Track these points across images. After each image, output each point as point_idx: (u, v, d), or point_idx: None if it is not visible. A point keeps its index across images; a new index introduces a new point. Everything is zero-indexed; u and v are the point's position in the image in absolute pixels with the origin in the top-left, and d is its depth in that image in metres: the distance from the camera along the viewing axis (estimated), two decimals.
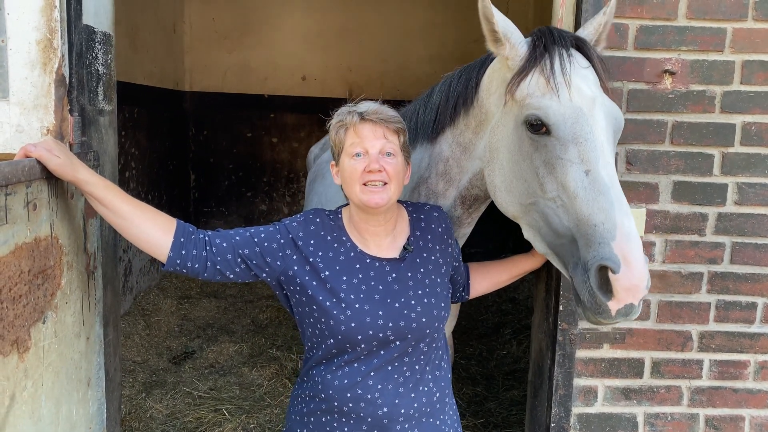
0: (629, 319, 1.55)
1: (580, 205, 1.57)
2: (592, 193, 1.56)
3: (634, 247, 1.49)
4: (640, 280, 1.48)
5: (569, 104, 1.63)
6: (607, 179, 1.57)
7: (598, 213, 1.54)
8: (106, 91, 2.16)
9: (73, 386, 1.87)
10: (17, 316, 1.55)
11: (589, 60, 1.74)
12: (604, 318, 1.55)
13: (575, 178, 1.59)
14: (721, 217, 2.22)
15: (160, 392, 4.13)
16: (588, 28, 1.85)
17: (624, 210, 1.54)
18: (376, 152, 1.76)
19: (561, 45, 1.70)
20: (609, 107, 1.68)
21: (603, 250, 1.50)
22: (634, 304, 1.51)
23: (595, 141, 1.61)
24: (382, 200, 1.74)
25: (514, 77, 1.73)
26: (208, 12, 7.16)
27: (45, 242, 1.68)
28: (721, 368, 2.29)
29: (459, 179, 2.05)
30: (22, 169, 1.55)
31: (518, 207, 1.79)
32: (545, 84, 1.67)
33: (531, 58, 1.71)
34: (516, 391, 4.21)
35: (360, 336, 1.74)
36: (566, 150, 1.61)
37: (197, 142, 7.35)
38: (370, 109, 1.78)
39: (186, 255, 1.75)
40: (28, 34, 1.85)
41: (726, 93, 2.16)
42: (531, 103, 1.68)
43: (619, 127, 1.72)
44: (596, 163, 1.58)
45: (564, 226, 1.63)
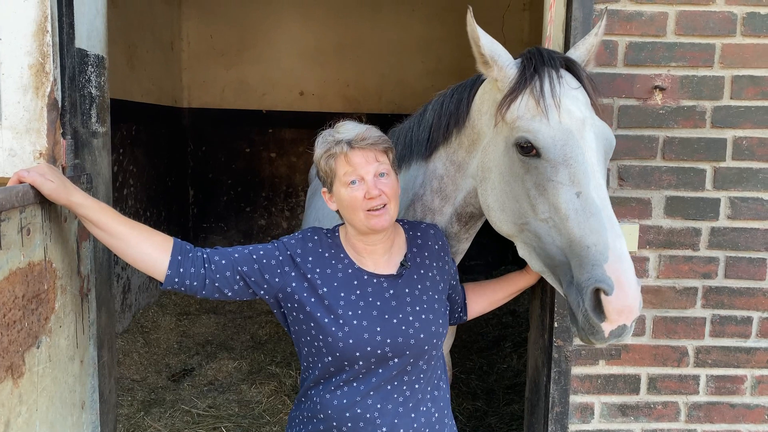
0: (622, 341, 1.56)
1: (572, 227, 1.58)
2: (584, 214, 1.57)
3: (627, 269, 1.50)
4: (633, 301, 1.48)
5: (559, 126, 1.64)
6: (598, 201, 1.57)
7: (590, 235, 1.54)
8: (100, 113, 2.18)
9: (67, 410, 1.86)
10: (11, 342, 1.55)
11: (579, 81, 1.74)
12: (597, 339, 1.55)
13: (566, 200, 1.60)
14: (715, 232, 2.22)
15: (158, 410, 4.11)
16: (580, 49, 1.86)
17: (616, 231, 1.54)
18: (371, 177, 1.76)
19: (551, 66, 1.71)
20: (599, 128, 1.69)
21: (596, 272, 1.50)
22: (626, 325, 1.51)
23: (586, 163, 1.61)
24: (387, 221, 1.77)
25: (504, 99, 1.74)
26: (206, 29, 7.21)
27: (39, 267, 1.69)
28: (717, 383, 2.29)
29: (454, 196, 2.06)
30: (16, 195, 1.56)
31: (512, 226, 1.79)
32: (535, 106, 1.67)
33: (521, 79, 1.71)
34: (517, 406, 4.18)
35: (358, 353, 1.74)
36: (557, 172, 1.62)
37: (196, 158, 7.37)
38: (357, 136, 1.78)
39: (184, 273, 1.75)
40: (20, 59, 1.87)
41: (716, 108, 2.17)
42: (521, 125, 1.68)
43: (610, 147, 1.72)
44: (587, 185, 1.59)
45: (557, 246, 1.63)
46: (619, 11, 2.13)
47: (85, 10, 2.07)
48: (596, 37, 1.85)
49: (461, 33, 1.81)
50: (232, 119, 7.29)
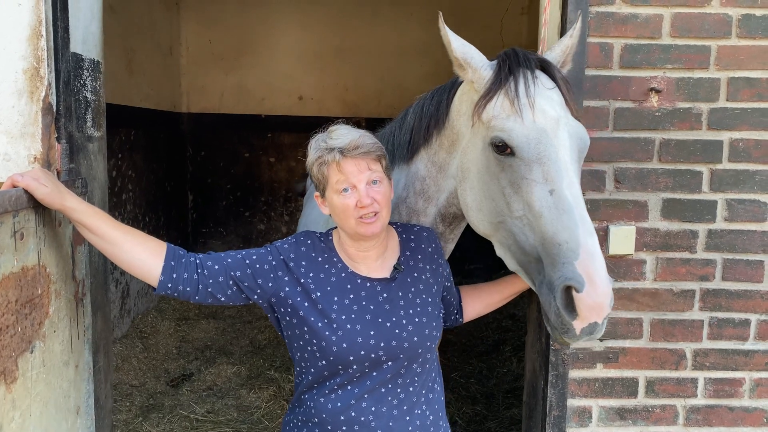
0: (593, 338, 1.57)
1: (544, 225, 1.59)
2: (557, 212, 1.58)
3: (598, 266, 1.51)
4: (603, 298, 1.49)
5: (533, 126, 1.65)
6: (571, 199, 1.58)
7: (563, 232, 1.55)
8: (95, 118, 2.17)
9: (61, 415, 1.85)
10: (4, 347, 1.54)
11: (554, 81, 1.75)
12: (569, 337, 1.57)
13: (540, 198, 1.61)
14: (712, 234, 2.21)
15: (157, 416, 4.10)
16: (555, 50, 1.88)
17: (588, 229, 1.55)
18: (363, 186, 1.75)
19: (526, 67, 1.72)
20: (574, 127, 1.70)
21: (567, 270, 1.52)
22: (598, 322, 1.52)
23: (559, 161, 1.62)
24: (378, 228, 1.77)
25: (480, 99, 1.76)
26: (205, 34, 7.22)
27: (32, 271, 1.68)
28: (716, 386, 2.27)
29: (437, 197, 2.07)
30: (9, 199, 1.55)
31: (488, 225, 1.81)
32: (510, 106, 1.69)
33: (496, 80, 1.74)
34: (516, 410, 4.17)
35: (352, 357, 1.73)
36: (531, 170, 1.64)
37: (195, 162, 7.37)
38: (350, 144, 1.76)
39: (177, 278, 1.75)
40: (14, 63, 1.87)
41: (712, 110, 2.17)
42: (496, 125, 1.70)
43: (584, 147, 1.73)
44: (560, 183, 1.60)
45: (530, 244, 1.65)
46: (614, 13, 2.13)
47: (81, 15, 2.07)
48: (572, 38, 1.87)
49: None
50: (231, 124, 7.30)
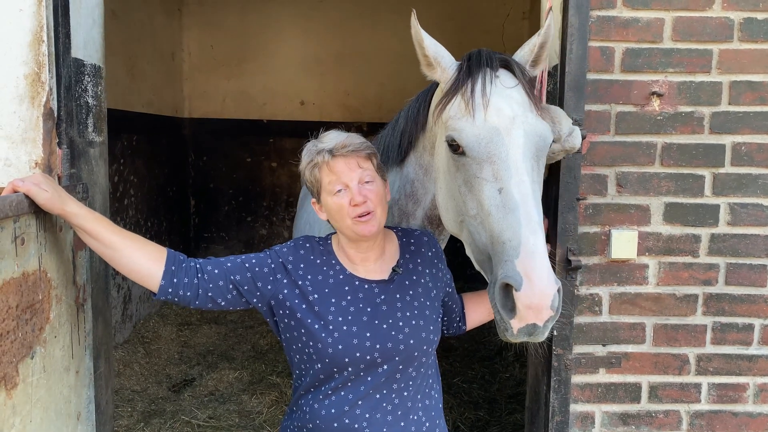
0: (536, 340, 1.53)
1: (492, 223, 1.59)
2: (503, 210, 1.57)
3: (537, 265, 1.48)
4: (541, 298, 1.45)
5: (484, 125, 1.66)
6: (518, 197, 1.58)
7: (507, 230, 1.55)
8: (96, 123, 2.17)
9: (62, 421, 1.85)
10: (5, 353, 1.54)
11: (516, 79, 1.75)
12: (509, 336, 1.54)
13: (489, 196, 1.61)
14: (714, 238, 2.20)
15: (158, 421, 4.09)
16: (524, 49, 1.89)
17: (532, 228, 1.53)
18: (355, 184, 1.77)
19: (488, 66, 1.73)
20: (532, 125, 1.69)
21: (507, 268, 1.50)
22: (537, 324, 1.49)
23: (509, 159, 1.62)
24: (374, 227, 1.77)
25: (440, 100, 1.79)
26: (207, 40, 7.23)
27: (33, 276, 1.68)
28: (719, 391, 2.26)
29: (424, 200, 2.11)
30: (10, 204, 1.55)
31: (453, 225, 1.82)
32: (465, 106, 1.70)
33: (456, 81, 1.75)
34: (519, 415, 4.15)
35: (347, 358, 1.73)
36: (482, 169, 1.64)
37: (197, 168, 7.38)
38: (338, 144, 1.79)
39: (177, 283, 1.75)
40: (15, 69, 1.87)
41: (714, 114, 2.16)
42: (450, 124, 1.73)
43: (544, 145, 1.72)
44: (509, 181, 1.60)
45: (483, 243, 1.64)
46: (615, 17, 2.13)
47: (82, 20, 2.07)
48: (539, 37, 1.87)
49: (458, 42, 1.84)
50: (232, 129, 7.30)
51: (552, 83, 2.19)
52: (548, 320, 1.50)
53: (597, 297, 2.21)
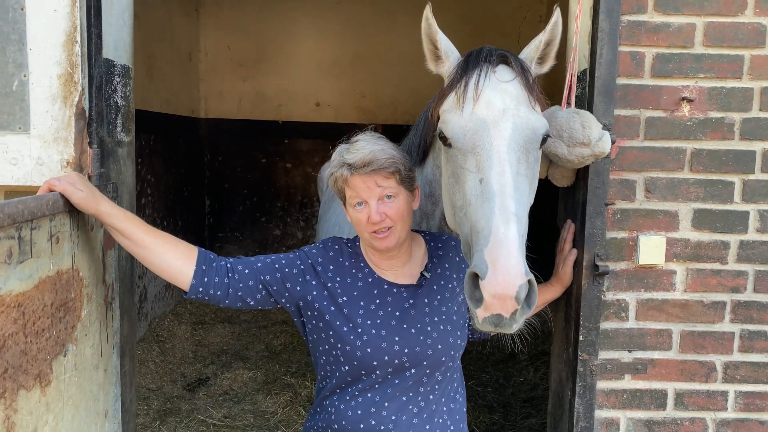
0: (504, 331, 1.49)
1: (472, 213, 1.59)
2: (481, 200, 1.57)
3: (503, 253, 1.44)
4: (504, 287, 1.41)
5: (470, 117, 1.67)
6: (496, 187, 1.56)
7: (481, 219, 1.54)
8: (125, 123, 2.19)
9: (91, 419, 1.86)
10: (40, 350, 1.55)
11: (514, 74, 1.75)
12: (476, 324, 1.51)
13: (471, 186, 1.62)
14: (743, 245, 2.19)
15: (174, 420, 4.11)
16: (530, 47, 1.90)
17: (504, 217, 1.50)
18: (374, 202, 1.75)
19: (486, 61, 1.75)
20: (524, 118, 1.68)
21: (476, 257, 1.49)
22: (503, 315, 1.45)
23: (492, 150, 1.62)
24: (392, 243, 1.77)
25: (439, 94, 1.81)
26: (224, 40, 7.27)
27: (67, 275, 1.69)
28: (746, 400, 2.24)
29: (440, 200, 2.09)
30: (47, 204, 1.56)
31: (451, 219, 1.82)
32: (456, 100, 1.72)
33: (455, 76, 1.77)
34: (534, 419, 4.14)
35: (375, 362, 1.74)
36: (466, 160, 1.66)
37: (212, 168, 7.41)
38: (359, 162, 1.75)
39: (208, 282, 1.76)
40: (49, 69, 1.89)
41: (745, 120, 2.15)
42: (442, 117, 1.75)
43: (535, 138, 1.70)
44: (489, 172, 1.59)
45: (465, 234, 1.64)
46: (645, 22, 2.12)
47: (113, 21, 2.09)
48: (545, 34, 1.87)
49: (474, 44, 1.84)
50: (248, 130, 7.33)
51: (581, 87, 2.18)
52: (515, 312, 1.45)
53: (624, 303, 2.20)
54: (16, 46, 1.89)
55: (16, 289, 1.43)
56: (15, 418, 1.43)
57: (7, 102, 1.89)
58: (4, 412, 1.39)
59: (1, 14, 1.88)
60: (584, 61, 2.17)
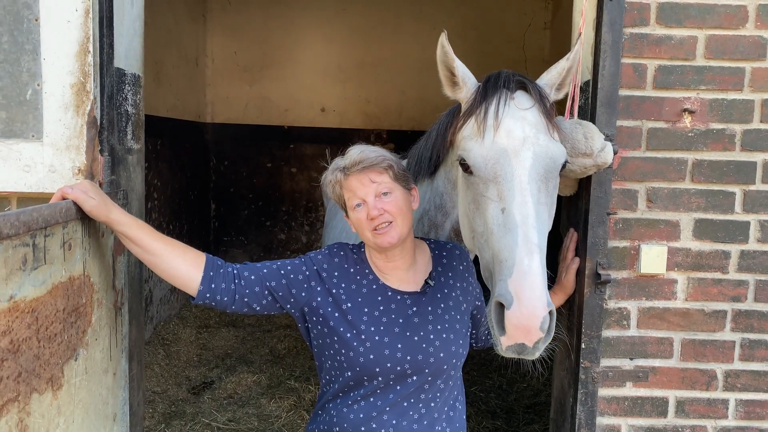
0: (526, 358, 1.56)
1: (494, 241, 1.63)
2: (504, 230, 1.61)
3: (527, 286, 1.49)
4: (529, 319, 1.47)
5: (492, 146, 1.70)
6: (518, 218, 1.60)
7: (504, 250, 1.58)
8: (135, 131, 2.23)
9: (100, 422, 1.89)
10: (52, 354, 1.58)
11: (533, 101, 1.78)
12: (498, 350, 1.58)
13: (493, 215, 1.66)
14: (744, 255, 2.21)
15: (179, 423, 4.13)
16: (551, 72, 1.92)
17: (528, 248, 1.55)
18: (372, 198, 1.80)
19: (504, 87, 1.77)
20: (543, 147, 1.71)
21: (501, 286, 1.54)
22: (526, 345, 1.51)
23: (513, 180, 1.65)
24: (393, 238, 1.79)
25: (458, 120, 1.84)
26: (230, 46, 7.32)
27: (78, 281, 1.73)
28: (747, 408, 2.26)
29: (452, 213, 2.16)
30: (60, 211, 1.60)
31: (468, 241, 1.87)
32: (477, 128, 1.75)
33: (473, 103, 1.80)
34: (536, 425, 4.15)
35: (378, 368, 1.76)
36: (487, 188, 1.69)
37: (218, 172, 7.45)
38: (350, 162, 1.83)
39: (215, 288, 1.79)
40: (62, 78, 1.93)
41: (746, 131, 2.18)
42: (461, 145, 1.78)
43: (554, 166, 1.74)
44: (511, 202, 1.63)
45: (487, 260, 1.69)
46: (648, 35, 2.15)
47: (124, 31, 2.13)
48: (568, 61, 1.89)
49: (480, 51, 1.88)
50: (254, 135, 7.38)
51: (584, 98, 2.21)
52: (538, 341, 1.51)
53: (625, 311, 2.23)
54: (30, 55, 1.93)
55: (30, 295, 1.47)
56: (28, 421, 1.46)
57: (21, 110, 1.93)
58: (18, 415, 1.42)
59: (16, 25, 1.92)
60: (587, 72, 2.20)
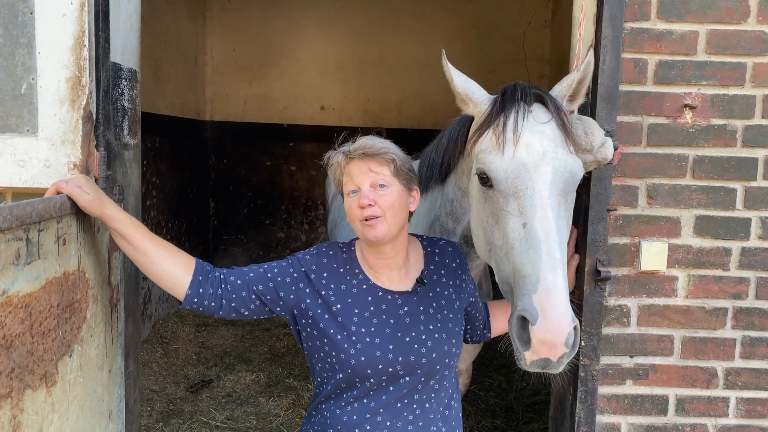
0: (550, 372, 1.55)
1: (515, 256, 1.61)
2: (526, 245, 1.60)
3: (553, 302, 1.49)
4: (555, 335, 1.47)
5: (512, 160, 1.68)
6: (540, 233, 1.59)
7: (528, 265, 1.57)
8: (131, 126, 2.21)
9: (95, 419, 1.88)
10: (46, 350, 1.57)
11: (550, 114, 1.77)
12: (522, 365, 1.57)
13: (513, 230, 1.64)
14: (745, 252, 2.19)
15: (177, 422, 4.12)
16: (562, 84, 1.90)
17: (552, 264, 1.55)
18: (366, 187, 1.77)
19: (522, 100, 1.76)
20: (561, 162, 1.70)
21: (525, 301, 1.52)
22: (551, 359, 1.51)
23: (535, 195, 1.64)
24: (380, 233, 1.75)
25: (473, 133, 1.82)
26: (229, 44, 7.30)
27: (73, 276, 1.71)
28: (748, 406, 2.25)
29: (463, 219, 2.14)
30: (54, 206, 1.58)
31: (484, 252, 1.85)
32: (495, 141, 1.73)
33: (490, 115, 1.78)
34: (536, 424, 4.14)
35: (369, 370, 1.74)
36: (508, 202, 1.67)
37: (217, 170, 7.44)
38: (355, 147, 1.81)
39: (203, 293, 1.78)
40: (57, 72, 1.91)
41: (747, 127, 2.16)
42: (480, 158, 1.75)
43: (573, 182, 1.73)
44: (533, 217, 1.62)
45: (506, 274, 1.67)
46: (649, 29, 2.13)
47: (120, 25, 2.11)
48: (578, 72, 1.87)
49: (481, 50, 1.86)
50: (253, 133, 7.36)
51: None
52: (563, 356, 1.51)
53: (625, 308, 2.21)
54: (25, 49, 1.91)
55: (23, 290, 1.45)
56: (21, 417, 1.45)
57: (15, 105, 1.92)
58: (11, 412, 1.40)
59: (11, 18, 1.90)
60: None
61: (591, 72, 1.89)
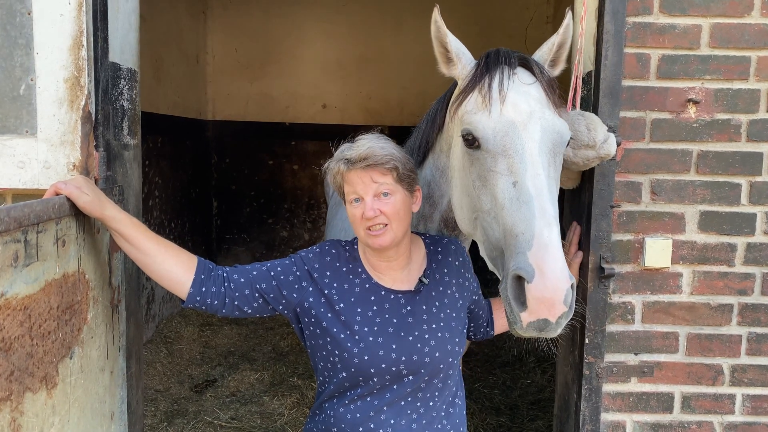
0: (547, 335, 1.50)
1: (506, 216, 1.57)
2: (517, 203, 1.56)
3: (550, 258, 1.45)
4: (553, 292, 1.42)
5: (500, 119, 1.66)
6: (532, 190, 1.56)
7: (520, 223, 1.53)
8: (131, 126, 2.20)
9: (97, 421, 1.87)
10: (46, 353, 1.56)
11: (534, 77, 1.76)
12: (518, 329, 1.52)
13: (503, 189, 1.61)
14: (751, 248, 2.17)
15: (181, 421, 4.12)
16: (542, 49, 1.91)
17: (546, 221, 1.51)
18: (370, 198, 1.74)
19: (506, 63, 1.75)
20: (549, 121, 1.69)
21: (519, 259, 1.48)
22: (549, 320, 1.46)
23: (524, 153, 1.62)
24: (387, 241, 1.75)
25: (457, 95, 1.80)
26: (231, 43, 7.29)
27: (73, 278, 1.70)
28: (754, 403, 2.23)
29: (440, 202, 2.10)
30: (53, 207, 1.57)
31: (467, 223, 1.81)
32: (481, 101, 1.71)
33: (474, 77, 1.76)
34: (541, 422, 4.12)
35: (373, 369, 1.73)
36: (496, 162, 1.64)
37: (219, 170, 7.43)
38: (357, 157, 1.75)
39: (206, 292, 1.77)
40: (56, 73, 1.90)
41: (752, 121, 2.14)
42: (466, 119, 1.73)
43: (561, 141, 1.71)
44: (523, 175, 1.59)
45: (496, 238, 1.63)
46: (651, 24, 2.11)
47: (119, 25, 2.10)
48: (557, 36, 1.88)
49: (482, 47, 1.84)
50: (255, 131, 7.35)
51: (586, 89, 2.18)
52: (561, 317, 1.46)
53: (630, 305, 2.19)
54: (23, 50, 1.90)
55: (22, 292, 1.44)
56: (21, 420, 1.44)
57: (14, 106, 1.91)
58: (11, 415, 1.40)
59: (9, 19, 1.89)
60: (589, 63, 2.16)
61: (570, 35, 1.89)
